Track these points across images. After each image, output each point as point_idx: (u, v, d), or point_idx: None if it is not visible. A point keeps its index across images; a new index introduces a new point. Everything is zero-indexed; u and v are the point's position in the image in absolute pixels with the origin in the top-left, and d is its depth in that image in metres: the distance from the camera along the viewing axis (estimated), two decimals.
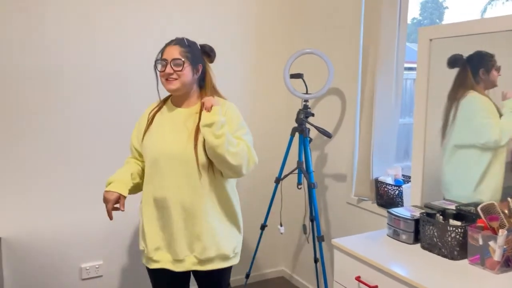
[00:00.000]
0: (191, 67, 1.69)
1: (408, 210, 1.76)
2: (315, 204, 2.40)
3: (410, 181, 2.01)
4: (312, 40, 2.74)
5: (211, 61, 1.80)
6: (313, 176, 2.41)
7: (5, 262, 2.24)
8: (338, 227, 2.60)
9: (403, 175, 2.23)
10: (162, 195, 1.68)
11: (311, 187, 2.38)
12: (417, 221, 1.65)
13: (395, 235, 1.71)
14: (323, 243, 2.70)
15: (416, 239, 1.66)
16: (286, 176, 2.51)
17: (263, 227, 2.55)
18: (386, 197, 2.17)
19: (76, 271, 2.43)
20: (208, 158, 1.65)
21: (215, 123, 1.57)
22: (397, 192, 2.11)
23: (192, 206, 1.67)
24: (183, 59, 1.66)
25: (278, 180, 2.50)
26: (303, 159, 2.45)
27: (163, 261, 1.72)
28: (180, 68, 1.65)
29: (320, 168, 2.71)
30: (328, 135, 2.26)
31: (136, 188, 1.79)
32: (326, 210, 2.68)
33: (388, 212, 1.75)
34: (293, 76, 2.43)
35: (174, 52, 1.66)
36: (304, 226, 2.80)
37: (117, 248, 2.53)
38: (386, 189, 2.17)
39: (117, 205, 1.90)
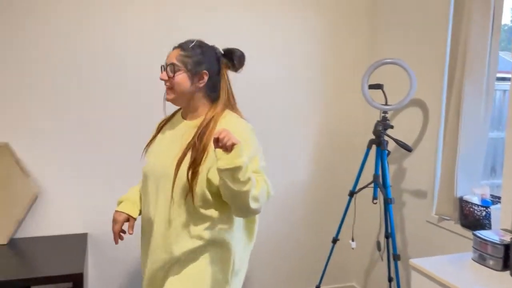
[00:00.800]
0: (189, 74, 1.46)
1: (497, 233, 1.61)
2: (391, 220, 2.28)
3: (498, 201, 1.84)
4: (392, 49, 2.63)
5: (235, 70, 1.53)
6: (390, 191, 2.30)
7: (90, 257, 2.41)
8: (416, 247, 2.45)
9: (490, 195, 2.05)
10: (148, 218, 1.52)
11: (387, 203, 2.28)
12: (507, 247, 1.51)
13: (481, 260, 1.57)
14: (399, 262, 2.56)
15: (505, 266, 1.51)
16: (360, 189, 2.43)
17: (334, 240, 2.49)
18: (472, 218, 2.01)
19: None
20: (188, 170, 1.39)
21: (240, 169, 1.25)
22: (484, 213, 1.95)
23: (167, 239, 1.45)
24: (178, 64, 1.45)
25: (352, 193, 2.43)
26: (380, 173, 2.35)
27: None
28: (171, 75, 1.45)
29: (398, 183, 2.59)
30: (408, 149, 2.15)
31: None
32: (403, 228, 2.54)
33: (474, 234, 1.61)
34: (372, 86, 2.35)
35: (172, 56, 1.48)
36: (378, 243, 2.68)
37: None
38: (471, 209, 2.01)
39: (125, 228, 1.74)
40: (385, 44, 2.71)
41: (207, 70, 1.48)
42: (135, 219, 1.60)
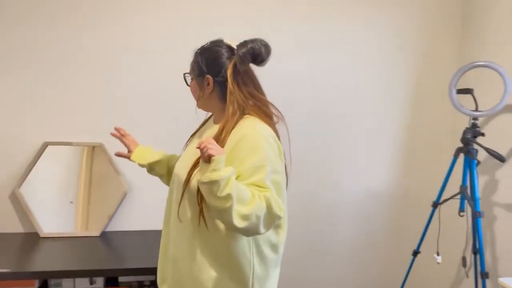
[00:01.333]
0: (196, 81, 1.39)
1: None
2: (480, 235, 2.12)
3: None
4: (482, 52, 2.45)
5: (242, 69, 1.33)
6: (479, 204, 2.14)
7: None
8: (507, 265, 2.25)
9: None
10: (167, 219, 1.48)
11: (476, 216, 2.12)
12: None
13: None
14: (487, 280, 2.37)
15: None
16: (445, 200, 2.29)
17: (415, 253, 2.37)
18: None
19: None
20: (198, 192, 1.26)
21: (216, 183, 1.12)
22: None
23: (181, 246, 1.35)
24: (189, 72, 1.42)
25: (436, 205, 2.30)
26: (468, 184, 2.20)
27: None
28: (188, 83, 1.44)
29: (488, 196, 2.40)
30: (501, 159, 1.99)
31: (153, 169, 1.62)
32: (493, 244, 2.35)
33: None
34: (460, 91, 2.21)
35: (191, 62, 1.44)
36: (464, 259, 2.50)
37: None
38: None
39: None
40: (474, 46, 2.53)
41: (210, 75, 1.35)
42: (129, 157, 1.63)
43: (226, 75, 1.33)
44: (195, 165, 1.29)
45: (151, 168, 1.64)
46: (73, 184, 2.36)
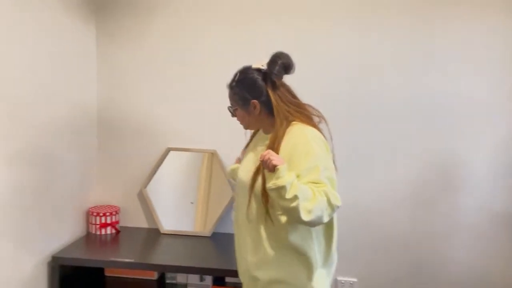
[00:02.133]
0: (243, 110, 1.58)
1: None
2: None
3: None
4: None
5: (278, 80, 1.51)
6: None
7: None
8: None
9: None
10: (235, 219, 1.69)
11: None
12: None
13: None
14: None
15: None
16: None
17: None
18: None
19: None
20: (262, 194, 1.45)
21: (283, 188, 1.31)
22: None
23: (249, 241, 1.57)
24: (232, 104, 1.62)
25: None
26: None
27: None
28: (233, 113, 1.63)
29: None
30: None
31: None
32: None
33: None
34: None
35: (228, 96, 1.63)
36: None
37: (372, 267, 2.56)
38: None
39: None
40: None
41: (255, 99, 1.53)
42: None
43: (268, 94, 1.51)
44: (257, 171, 1.48)
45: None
46: (191, 186, 2.58)
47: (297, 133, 1.47)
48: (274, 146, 1.46)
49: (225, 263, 2.14)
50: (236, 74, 1.59)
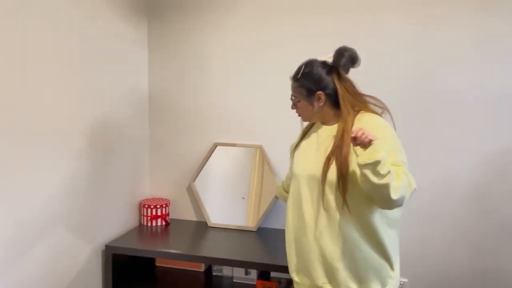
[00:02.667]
0: (306, 101, 1.61)
1: None
2: None
3: None
4: None
5: (346, 73, 1.58)
6: None
7: None
8: None
9: None
10: (299, 215, 1.63)
11: None
12: None
13: None
14: None
15: None
16: None
17: None
18: None
19: None
20: (338, 181, 1.49)
21: (379, 162, 1.33)
22: None
23: (326, 231, 1.55)
24: (295, 95, 1.64)
25: None
26: None
27: (304, 284, 1.64)
28: (295, 105, 1.65)
29: None
30: None
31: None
32: None
33: None
34: None
35: (291, 88, 1.66)
36: None
37: (424, 267, 2.47)
38: None
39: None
40: None
41: (321, 90, 1.58)
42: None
43: (335, 86, 1.57)
44: (328, 162, 1.52)
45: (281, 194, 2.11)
46: (240, 180, 2.62)
47: (370, 120, 1.53)
48: (344, 133, 1.51)
49: (270, 258, 2.15)
50: (301, 67, 1.62)
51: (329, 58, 1.60)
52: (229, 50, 2.58)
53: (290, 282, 2.40)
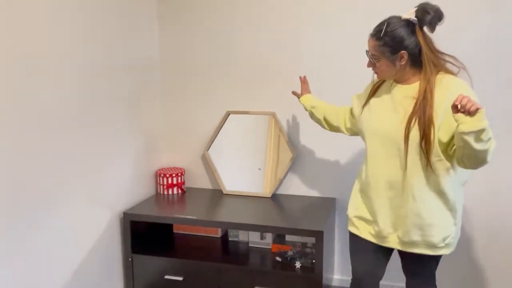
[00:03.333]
0: (389, 61, 1.59)
1: None
2: None
3: None
4: None
5: (432, 31, 1.56)
6: None
7: (337, 218, 2.59)
8: None
9: None
10: (372, 171, 1.70)
11: None
12: None
13: None
14: None
15: None
16: None
17: None
18: None
19: None
20: (421, 141, 1.53)
21: (484, 130, 1.36)
22: None
23: (398, 186, 1.63)
24: (377, 55, 1.61)
25: None
26: None
27: (364, 231, 1.77)
28: (375, 63, 1.63)
29: None
30: None
31: (313, 114, 2.06)
32: None
33: None
34: None
35: (370, 46, 1.63)
36: None
37: None
38: None
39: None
40: None
41: (404, 49, 1.55)
42: (299, 97, 2.15)
43: (419, 45, 1.55)
44: (409, 123, 1.55)
45: (312, 113, 2.08)
46: (251, 148, 2.63)
47: (454, 82, 1.55)
48: (427, 93, 1.53)
49: (285, 222, 2.18)
50: (383, 24, 1.58)
51: (411, 14, 1.56)
52: (238, 15, 2.55)
53: (304, 245, 2.43)
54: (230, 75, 2.63)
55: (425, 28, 1.56)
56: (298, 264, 2.21)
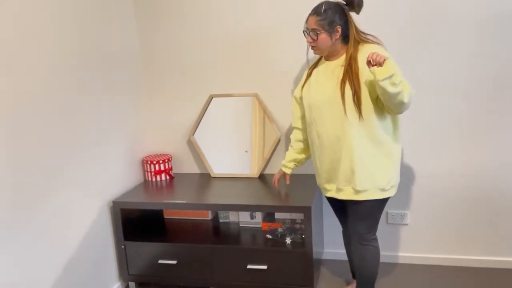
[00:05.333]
0: (327, 33, 1.87)
1: None
2: None
3: None
4: None
5: (358, 12, 1.89)
6: None
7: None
8: None
9: None
10: (320, 133, 1.96)
11: None
12: None
13: None
14: None
15: None
16: None
17: None
18: None
19: (383, 216, 2.60)
20: (353, 96, 1.83)
21: (394, 75, 1.65)
22: None
23: (344, 143, 1.89)
24: (318, 29, 1.86)
25: None
26: None
27: (331, 190, 2.01)
28: (315, 37, 1.88)
29: None
30: None
31: (303, 161, 2.24)
32: None
33: None
34: None
35: (311, 22, 1.88)
36: None
37: (424, 200, 2.54)
38: None
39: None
40: None
41: (339, 25, 1.87)
42: (288, 174, 2.25)
43: (348, 22, 1.89)
44: (343, 82, 1.85)
45: (298, 160, 2.24)
46: (237, 131, 2.65)
47: (372, 47, 1.86)
48: (352, 59, 1.85)
49: (273, 200, 2.22)
50: (322, 4, 1.87)
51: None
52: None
53: (293, 221, 2.48)
54: (211, 58, 2.63)
55: (351, 12, 1.91)
56: (288, 240, 2.26)
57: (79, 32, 2.13)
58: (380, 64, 1.64)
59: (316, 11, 1.88)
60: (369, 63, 1.68)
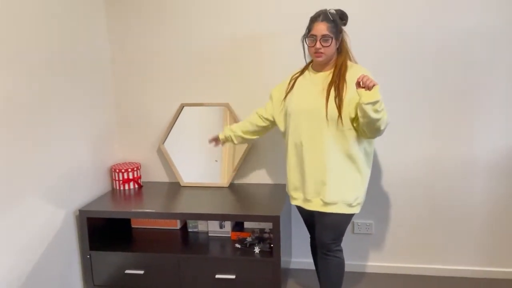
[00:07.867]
0: (336, 40, 1.90)
1: None
2: None
3: None
4: None
5: (345, 25, 1.94)
6: None
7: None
8: None
9: None
10: (295, 143, 1.99)
11: None
12: None
13: None
14: None
15: None
16: None
17: None
18: None
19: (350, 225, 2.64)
20: (336, 113, 1.85)
21: (378, 102, 1.71)
22: None
23: (318, 155, 1.92)
24: (329, 35, 1.87)
25: None
26: None
27: (298, 199, 2.05)
28: (328, 44, 1.87)
29: None
30: None
31: (239, 141, 2.29)
32: None
33: None
34: None
35: (322, 29, 1.86)
36: None
37: (388, 209, 2.61)
38: None
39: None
40: None
41: (341, 33, 1.92)
42: (220, 140, 2.32)
43: (342, 32, 1.95)
44: (327, 99, 1.87)
45: (235, 133, 2.29)
46: (207, 140, 2.65)
47: (364, 70, 1.89)
48: (342, 70, 1.89)
49: (243, 210, 2.23)
50: (326, 11, 1.90)
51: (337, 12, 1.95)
52: (189, 7, 2.55)
53: (262, 231, 2.50)
54: (182, 67, 2.63)
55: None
56: (257, 250, 2.27)
57: (43, 34, 2.10)
58: (369, 88, 1.69)
59: (325, 18, 1.88)
60: (358, 84, 1.72)
